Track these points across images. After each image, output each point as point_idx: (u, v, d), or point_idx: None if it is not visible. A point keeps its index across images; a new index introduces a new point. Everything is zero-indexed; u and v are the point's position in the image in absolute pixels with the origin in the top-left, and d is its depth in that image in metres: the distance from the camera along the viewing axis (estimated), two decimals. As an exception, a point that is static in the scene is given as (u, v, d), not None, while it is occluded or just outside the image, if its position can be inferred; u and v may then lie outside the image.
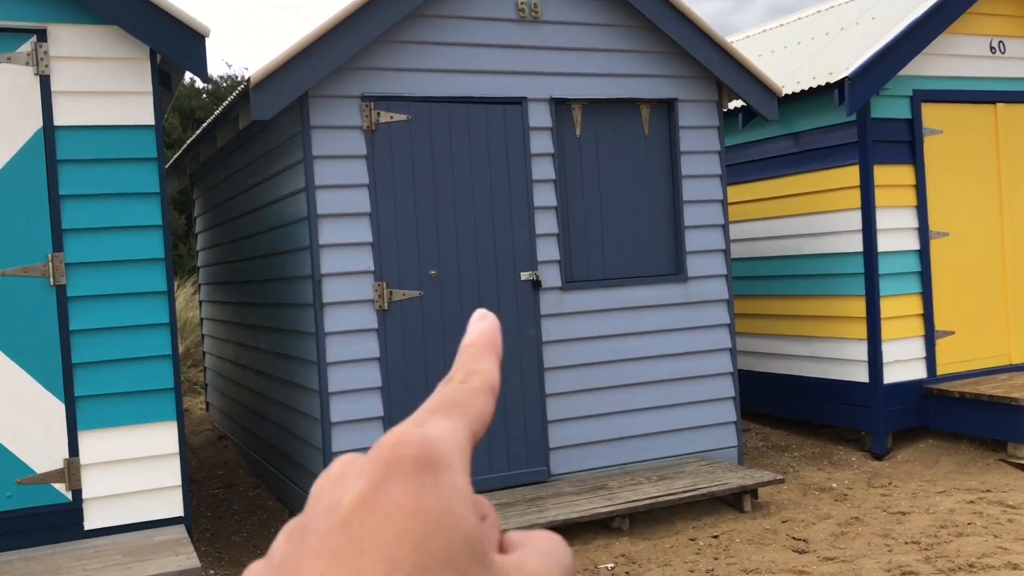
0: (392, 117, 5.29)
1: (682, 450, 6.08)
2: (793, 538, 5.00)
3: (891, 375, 6.66)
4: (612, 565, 4.70)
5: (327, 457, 5.08)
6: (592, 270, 5.89)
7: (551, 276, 5.71)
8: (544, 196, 5.69)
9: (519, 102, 5.63)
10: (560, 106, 5.79)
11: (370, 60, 5.22)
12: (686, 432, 6.10)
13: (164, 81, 5.08)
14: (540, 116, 5.68)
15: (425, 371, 5.33)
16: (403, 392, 5.27)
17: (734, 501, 5.51)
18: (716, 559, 4.71)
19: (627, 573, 4.59)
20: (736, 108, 7.46)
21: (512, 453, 5.54)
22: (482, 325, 0.46)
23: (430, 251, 5.38)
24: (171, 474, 4.57)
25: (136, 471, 4.50)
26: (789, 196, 7.29)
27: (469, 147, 5.49)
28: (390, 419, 5.23)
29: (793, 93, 6.94)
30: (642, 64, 5.97)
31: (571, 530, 5.06)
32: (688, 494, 5.21)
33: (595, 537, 5.02)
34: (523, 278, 5.62)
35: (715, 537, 5.05)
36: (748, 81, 6.12)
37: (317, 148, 5.09)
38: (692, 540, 5.02)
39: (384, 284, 5.24)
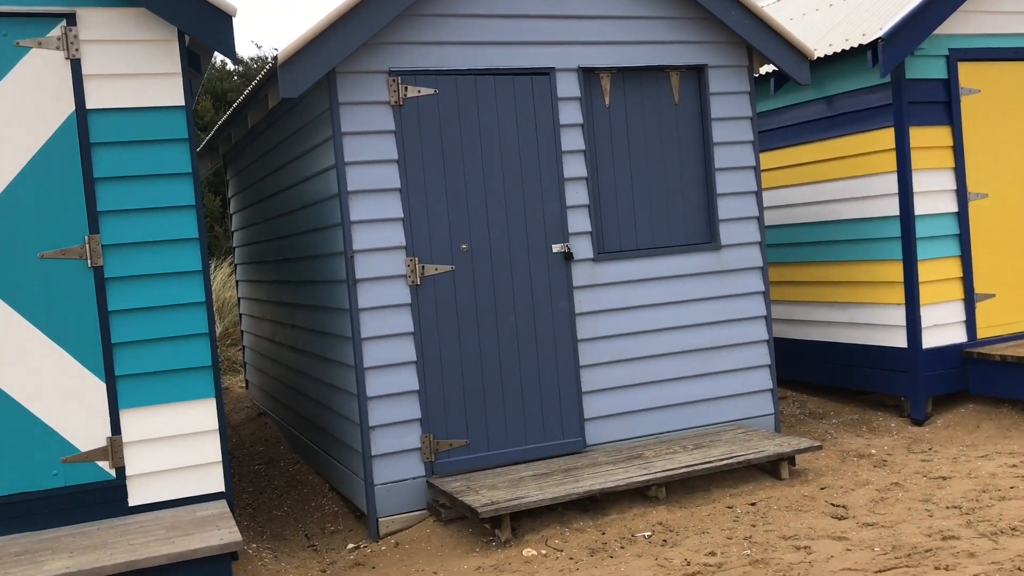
0: (420, 91, 5.28)
1: (718, 419, 6.06)
2: (832, 504, 4.97)
3: (930, 340, 6.57)
4: (649, 533, 4.71)
5: (364, 431, 5.13)
6: (624, 241, 5.87)
7: (583, 248, 5.69)
8: (574, 167, 5.67)
9: (547, 72, 5.59)
10: (588, 75, 5.75)
11: (396, 34, 5.21)
12: (722, 400, 6.08)
13: (193, 62, 5.11)
14: (568, 86, 5.64)
15: (459, 345, 5.36)
16: (437, 366, 5.30)
17: (771, 469, 5.49)
18: (754, 526, 4.71)
19: (664, 541, 4.60)
20: (767, 73, 7.35)
21: (547, 424, 5.56)
22: None
23: (461, 225, 5.39)
24: (212, 450, 4.64)
25: (177, 448, 4.59)
26: (823, 161, 7.19)
27: (497, 119, 5.48)
28: (425, 393, 5.26)
29: (825, 56, 6.82)
30: (671, 30, 5.90)
31: (607, 499, 5.08)
32: (724, 462, 5.20)
33: (631, 506, 5.03)
34: (555, 250, 5.60)
35: (752, 504, 5.04)
36: (779, 45, 6.02)
37: (346, 124, 5.10)
38: (729, 508, 5.01)
39: (416, 259, 5.26)
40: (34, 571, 3.83)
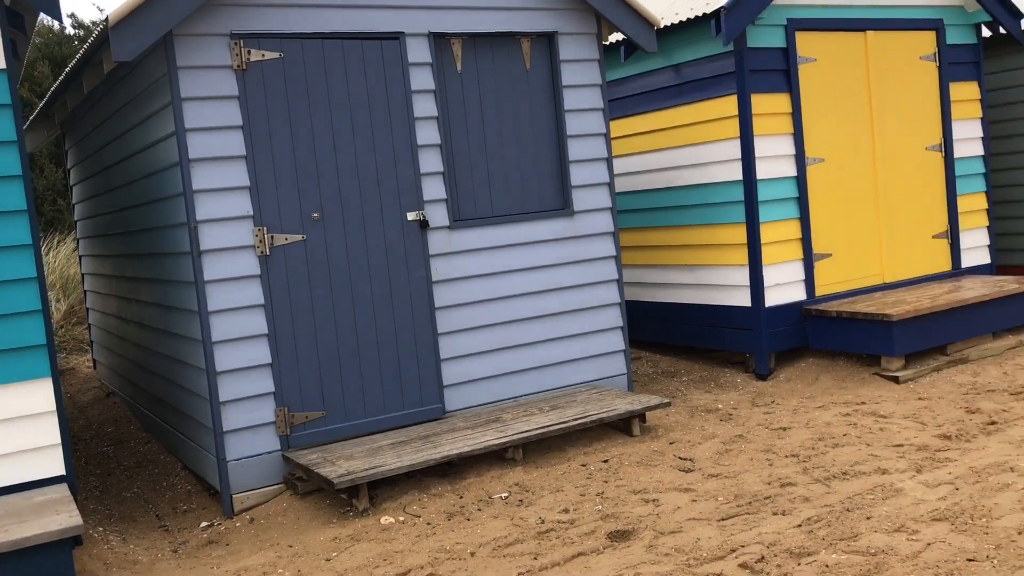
0: (264, 55, 5.12)
1: (574, 380, 6.20)
2: (679, 458, 5.18)
3: (772, 298, 6.90)
4: (506, 495, 4.79)
5: (214, 407, 4.99)
6: (479, 208, 5.89)
7: (438, 215, 5.68)
8: (427, 134, 5.63)
9: (396, 37, 5.52)
10: (440, 41, 5.71)
11: (238, -4, 5.03)
12: (577, 363, 6.22)
13: (16, 23, 4.79)
14: (419, 51, 5.59)
15: (313, 315, 5.27)
16: (291, 338, 5.20)
17: (624, 426, 5.67)
18: (606, 482, 4.85)
19: (520, 501, 4.69)
20: (618, 41, 7.48)
21: (406, 393, 5.55)
22: None
23: (312, 194, 5.28)
24: (49, 433, 4.42)
25: (10, 431, 4.35)
26: (671, 128, 7.39)
27: (347, 85, 5.37)
28: (278, 366, 5.16)
29: (672, 25, 7.00)
30: (521, -3, 5.92)
31: (465, 464, 5.13)
32: (578, 421, 5.33)
33: (489, 469, 5.10)
34: (410, 218, 5.57)
35: (605, 462, 5.19)
36: (626, 13, 6.14)
37: (185, 89, 4.90)
38: (583, 466, 5.15)
39: (264, 229, 5.13)
40: None
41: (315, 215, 5.28)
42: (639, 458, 5.21)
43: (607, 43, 7.21)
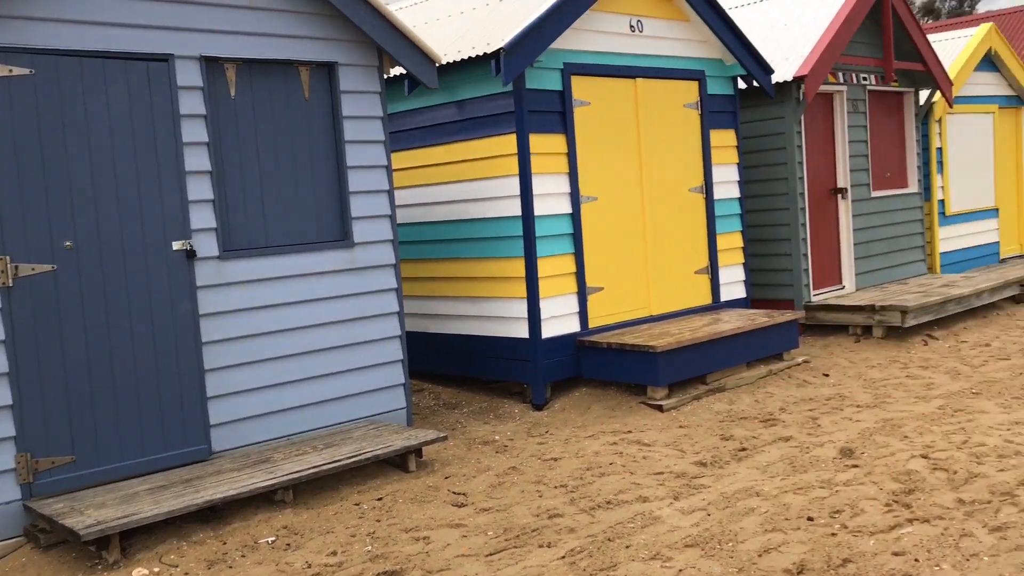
0: (11, 71, 4.73)
1: (353, 416, 6.10)
2: (453, 493, 5.20)
3: (548, 330, 7.12)
4: (273, 539, 4.62)
5: (-56, 454, 4.51)
6: (253, 238, 5.70)
7: (207, 245, 5.44)
8: (197, 160, 5.40)
9: (165, 59, 5.26)
10: (212, 65, 5.50)
11: (-19, 5, 4.62)
12: (356, 397, 6.13)
13: None
14: (189, 75, 5.36)
15: (63, 353, 4.88)
16: (36, 377, 4.79)
17: (400, 462, 5.63)
18: (378, 521, 4.79)
19: (288, 545, 4.54)
20: (402, 75, 7.51)
21: (168, 434, 5.25)
22: None
23: (64, 220, 4.91)
24: None
25: None
26: (454, 163, 7.50)
27: (108, 106, 5.06)
28: (20, 408, 4.73)
29: (455, 62, 7.11)
30: (300, 25, 5.82)
31: (231, 508, 4.91)
32: (353, 459, 5.24)
33: (256, 512, 4.91)
34: (175, 247, 5.30)
35: (379, 500, 5.13)
36: (408, 48, 6.17)
37: (-86, 104, 4.44)
38: (356, 505, 5.06)
39: (8, 258, 4.71)
40: None
41: (68, 243, 4.92)
42: (413, 495, 5.19)
43: (391, 76, 7.22)
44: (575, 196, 7.27)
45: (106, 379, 5.04)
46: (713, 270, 8.41)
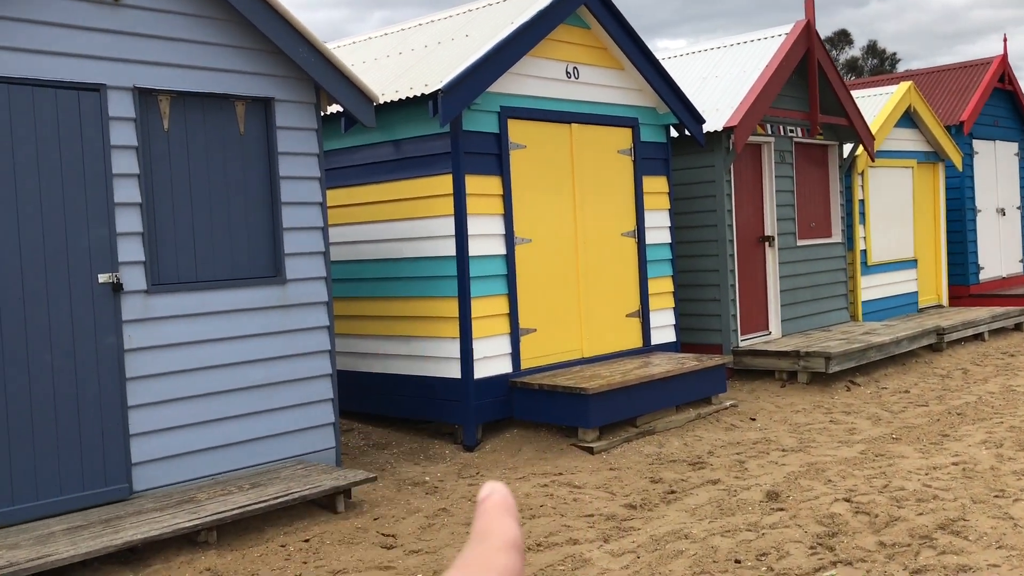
0: (-66, 95, 4.60)
1: (281, 455, 5.99)
2: (383, 534, 5.13)
3: (481, 370, 7.11)
4: (195, 582, 4.49)
5: None
6: (183, 272, 5.60)
7: (135, 278, 5.33)
8: (126, 192, 5.30)
9: (97, 89, 5.18)
10: (145, 96, 5.43)
11: (-95, 27, 4.50)
12: (284, 436, 6.02)
13: None
14: (121, 106, 5.28)
15: (-22, 386, 4.71)
16: (-51, 411, 4.61)
17: (328, 503, 5.53)
18: (305, 563, 4.70)
19: (211, 588, 4.41)
20: (339, 112, 7.51)
21: (88, 472, 5.08)
22: (495, 495, 0.54)
23: (-15, 250, 4.76)
24: None
25: None
26: (390, 201, 7.50)
27: (36, 134, 4.95)
28: (-69, 443, 4.54)
29: (393, 101, 7.14)
30: (237, 59, 5.79)
31: (151, 549, 4.76)
32: (280, 500, 5.13)
33: (179, 554, 4.76)
34: (101, 280, 5.18)
35: (306, 541, 5.03)
36: (345, 86, 6.18)
37: None
38: (283, 546, 4.95)
39: (-77, 287, 4.55)
40: None
41: (-12, 274, 4.76)
42: (341, 536, 5.10)
43: (328, 113, 7.21)
44: (510, 238, 7.32)
45: (23, 413, 4.86)
46: (644, 314, 8.52)
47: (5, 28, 4.83)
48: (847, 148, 11.47)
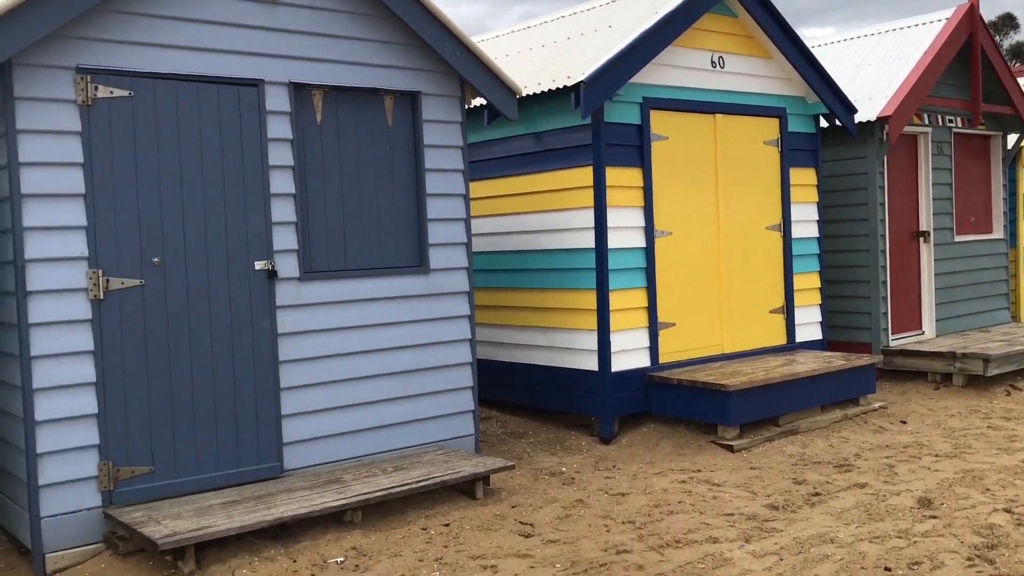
0: (112, 92, 4.93)
1: (421, 440, 6.13)
2: (520, 522, 5.18)
3: (618, 364, 7.07)
4: (342, 559, 4.65)
5: (30, 459, 4.66)
6: (332, 260, 5.80)
7: (288, 266, 5.56)
8: (281, 183, 5.53)
9: (256, 84, 5.43)
10: (300, 91, 5.64)
11: (89, 30, 4.83)
12: (425, 422, 6.16)
13: None
14: (278, 100, 5.51)
15: (147, 365, 5.02)
16: (121, 388, 4.93)
17: (467, 489, 5.63)
18: (446, 547, 4.79)
19: (357, 566, 4.57)
20: (481, 105, 7.61)
21: (243, 450, 5.34)
22: None
23: (154, 237, 5.07)
24: None
25: None
26: (530, 193, 7.55)
27: (199, 128, 5.23)
28: (105, 417, 4.87)
29: (535, 94, 7.18)
30: (386, 54, 5.94)
31: (301, 526, 4.97)
32: (421, 484, 5.26)
33: (326, 532, 4.95)
34: (257, 267, 5.43)
35: (446, 525, 5.13)
36: (489, 79, 6.25)
37: (22, 121, 4.64)
38: (424, 530, 5.07)
39: (100, 272, 4.88)
40: None
41: (156, 260, 5.07)
42: (480, 522, 5.18)
43: (471, 106, 7.32)
44: (650, 230, 7.24)
45: (185, 392, 5.16)
46: (789, 310, 8.27)
47: (172, 27, 5.11)
48: (1012, 139, 10.77)
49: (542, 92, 7.11)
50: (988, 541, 4.66)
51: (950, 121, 9.85)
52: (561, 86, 6.87)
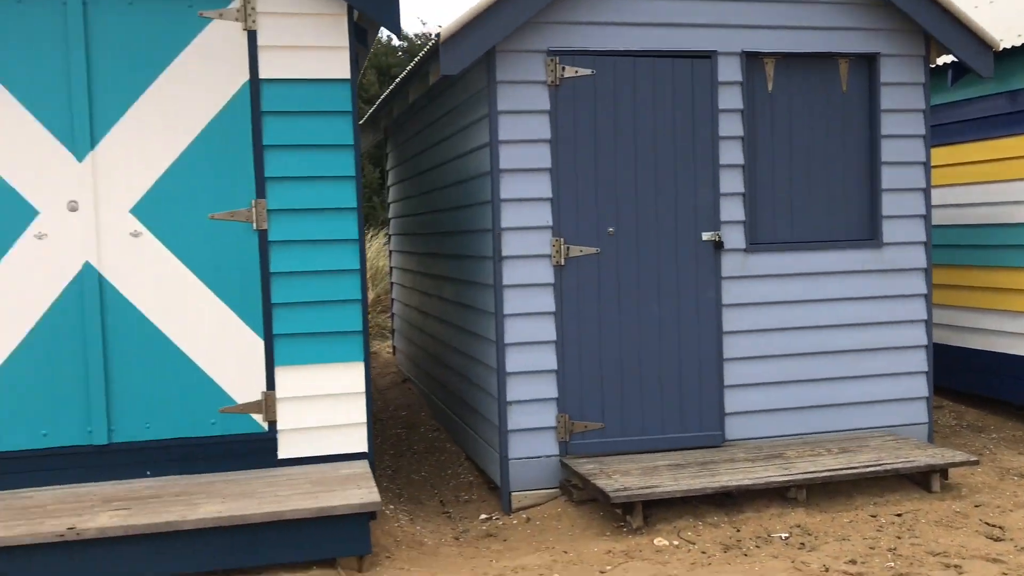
0: (576, 72, 5.27)
1: (867, 423, 5.81)
2: (987, 523, 4.68)
3: (1111, 358, 6.08)
4: (787, 535, 4.57)
5: (501, 406, 5.20)
6: (779, 232, 5.68)
7: (734, 237, 5.55)
8: (731, 154, 5.52)
9: (708, 56, 5.46)
10: (751, 60, 5.58)
11: (556, 14, 5.21)
12: (872, 405, 5.82)
13: (360, 37, 5.28)
14: (730, 70, 5.50)
15: (599, 328, 5.34)
16: (576, 348, 5.31)
17: (921, 480, 5.22)
18: (899, 538, 4.50)
19: (802, 544, 4.46)
20: (944, 64, 6.93)
21: (686, 415, 5.47)
22: None
23: (609, 208, 5.36)
24: (357, 412, 4.82)
25: (325, 407, 4.79)
26: (1001, 160, 6.73)
27: (653, 102, 5.40)
28: (563, 373, 5.28)
29: (1012, 47, 6.36)
30: (841, 16, 5.65)
31: (743, 497, 4.97)
32: (870, 468, 4.98)
33: (768, 506, 4.90)
34: (704, 238, 5.49)
35: (898, 516, 4.81)
36: (960, 34, 5.66)
37: (502, 103, 5.15)
38: (873, 517, 4.80)
39: (562, 240, 5.27)
40: (189, 512, 4.10)
41: (610, 230, 5.35)
42: (938, 517, 4.78)
43: (933, 65, 6.69)
44: None
45: (633, 356, 5.40)
46: None
47: (632, 5, 5.31)
48: None
49: (1022, 45, 6.27)
50: None
51: None
52: (1049, 36, 6.01)
